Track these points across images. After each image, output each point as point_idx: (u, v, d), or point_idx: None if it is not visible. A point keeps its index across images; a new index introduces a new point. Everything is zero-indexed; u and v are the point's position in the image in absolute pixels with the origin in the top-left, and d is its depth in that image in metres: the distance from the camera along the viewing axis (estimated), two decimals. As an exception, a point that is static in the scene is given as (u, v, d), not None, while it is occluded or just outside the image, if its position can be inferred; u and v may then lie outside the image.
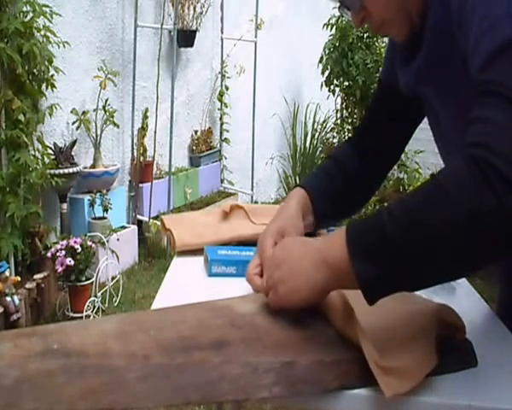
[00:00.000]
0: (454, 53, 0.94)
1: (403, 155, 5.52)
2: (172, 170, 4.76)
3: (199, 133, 5.45)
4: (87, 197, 3.90)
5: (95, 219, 3.88)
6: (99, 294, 3.46)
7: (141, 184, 4.60)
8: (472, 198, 0.72)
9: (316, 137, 6.06)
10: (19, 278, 3.15)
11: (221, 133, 5.71)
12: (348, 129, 5.62)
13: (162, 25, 4.56)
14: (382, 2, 1.00)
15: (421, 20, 1.01)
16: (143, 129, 4.52)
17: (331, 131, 6.01)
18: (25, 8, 3.30)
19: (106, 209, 3.88)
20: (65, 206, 3.83)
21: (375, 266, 0.76)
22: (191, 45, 5.00)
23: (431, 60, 1.01)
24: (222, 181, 5.78)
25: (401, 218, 0.76)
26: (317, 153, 6.06)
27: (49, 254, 3.29)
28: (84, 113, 3.97)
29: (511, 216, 0.71)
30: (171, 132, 4.59)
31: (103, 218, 3.90)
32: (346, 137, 5.72)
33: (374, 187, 1.36)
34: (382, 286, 0.78)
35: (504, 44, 0.79)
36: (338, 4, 1.06)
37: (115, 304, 3.63)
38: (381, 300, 0.81)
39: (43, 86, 3.46)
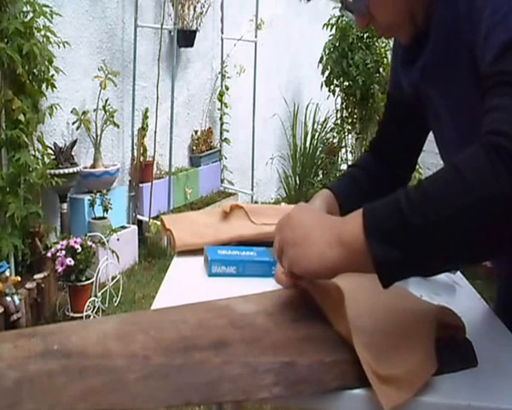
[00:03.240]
0: (460, 50, 0.94)
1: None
2: (172, 170, 4.76)
3: (199, 133, 5.45)
4: (87, 197, 3.90)
5: (95, 219, 3.89)
6: (99, 294, 3.47)
7: (141, 184, 4.61)
8: (490, 184, 0.72)
9: (316, 137, 6.07)
10: (19, 278, 3.16)
11: (221, 133, 5.72)
12: (348, 129, 5.63)
13: (162, 25, 4.57)
14: (390, 8, 1.00)
15: (426, 20, 1.01)
16: (143, 129, 4.53)
17: (331, 131, 6.01)
18: (25, 9, 3.31)
19: (106, 209, 3.89)
20: (65, 206, 3.83)
21: (392, 250, 0.76)
22: (191, 45, 5.01)
23: (436, 58, 1.01)
24: (222, 181, 5.78)
25: (420, 205, 0.75)
26: (317, 153, 6.07)
27: (49, 254, 3.29)
28: (84, 113, 3.97)
29: None
30: (171, 132, 4.59)
31: (103, 218, 3.90)
32: (347, 138, 5.73)
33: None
34: (398, 270, 0.78)
35: None
36: (340, 6, 1.06)
37: (115, 304, 3.63)
38: (381, 299, 0.80)
39: (44, 86, 3.46)
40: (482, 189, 0.73)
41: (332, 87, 5.42)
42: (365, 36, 5.14)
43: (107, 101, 4.10)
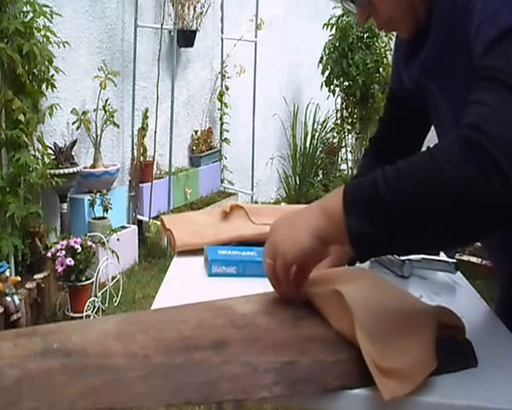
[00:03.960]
0: (459, 43, 0.94)
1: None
2: (172, 170, 4.76)
3: (199, 133, 5.45)
4: (87, 197, 3.90)
5: (95, 219, 3.89)
6: (99, 294, 3.47)
7: (141, 184, 4.61)
8: (461, 177, 0.75)
9: (316, 137, 6.07)
10: (19, 278, 3.16)
11: (221, 133, 5.72)
12: (348, 129, 5.63)
13: (162, 25, 4.57)
14: (392, 0, 1.00)
15: (427, 13, 1.01)
16: (143, 129, 4.53)
17: (331, 131, 6.02)
18: (25, 9, 3.30)
19: (106, 209, 3.89)
20: (65, 206, 3.83)
21: (366, 223, 0.80)
22: (191, 45, 5.00)
23: (437, 51, 1.01)
24: (222, 181, 5.78)
25: (394, 183, 0.79)
26: (317, 153, 6.07)
27: (49, 254, 3.29)
28: (84, 113, 3.97)
29: (497, 198, 0.74)
30: (171, 132, 4.60)
31: (103, 218, 3.90)
32: (347, 137, 5.73)
33: None
34: (372, 244, 0.81)
35: (505, 31, 0.80)
36: None
37: (115, 304, 3.63)
38: (381, 301, 0.81)
39: (44, 86, 3.46)
40: (452, 179, 0.75)
41: (332, 87, 5.42)
42: (365, 36, 5.15)
43: (107, 101, 4.10)
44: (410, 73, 1.11)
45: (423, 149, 1.32)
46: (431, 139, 1.24)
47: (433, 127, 1.24)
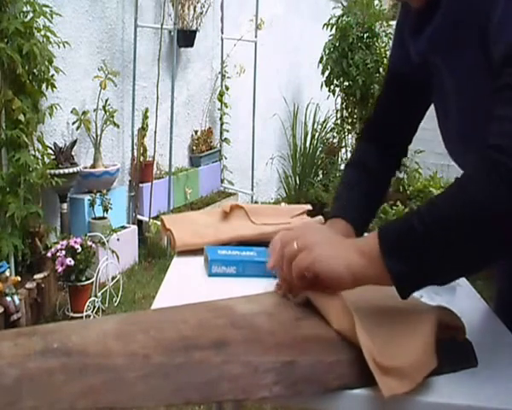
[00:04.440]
0: (473, 15, 0.92)
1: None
2: (172, 170, 4.77)
3: (199, 133, 5.46)
4: (87, 197, 3.90)
5: (95, 219, 3.89)
6: (99, 294, 3.48)
7: (141, 184, 4.61)
8: (488, 199, 0.78)
9: (316, 137, 6.07)
10: (19, 278, 3.16)
11: (221, 133, 5.72)
12: (348, 129, 5.63)
13: (162, 25, 4.57)
14: None
15: None
16: (143, 129, 4.53)
17: (331, 131, 6.02)
18: (25, 9, 3.31)
19: (106, 209, 3.89)
20: (65, 206, 3.84)
21: (404, 261, 0.82)
22: (191, 45, 5.01)
23: (447, 22, 0.99)
24: (222, 181, 5.79)
25: (427, 216, 0.81)
26: (317, 153, 6.07)
27: (49, 254, 3.29)
28: (84, 113, 3.97)
29: None
30: (171, 132, 4.60)
31: (103, 218, 3.91)
32: (346, 137, 5.73)
33: (391, 176, 1.36)
34: (412, 280, 0.83)
35: None
36: None
37: (115, 304, 3.64)
38: (381, 301, 0.81)
39: (44, 86, 3.46)
40: (481, 202, 0.78)
41: (332, 87, 5.42)
42: (365, 36, 5.15)
43: (107, 101, 4.11)
44: (418, 47, 1.09)
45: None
46: (429, 138, 1.24)
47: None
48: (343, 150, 5.96)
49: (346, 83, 5.28)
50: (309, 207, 1.55)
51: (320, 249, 0.88)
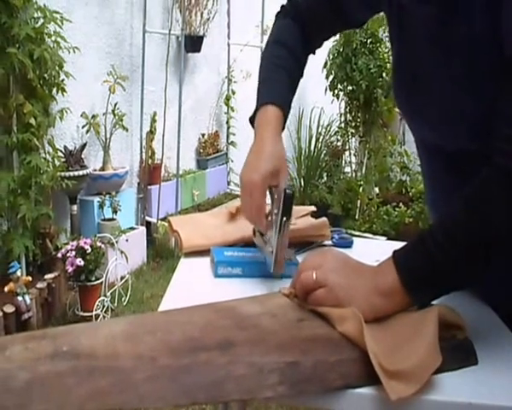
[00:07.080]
0: None
1: (405, 157, 5.59)
2: (180, 172, 4.82)
3: (206, 136, 5.50)
4: (97, 199, 3.91)
5: (104, 220, 3.91)
6: (108, 293, 3.49)
7: (149, 187, 4.65)
8: (503, 214, 0.79)
9: (320, 140, 6.09)
10: (30, 278, 3.19)
11: (228, 136, 5.76)
12: (352, 132, 5.66)
13: (170, 30, 4.61)
14: None
15: None
16: (152, 132, 4.57)
17: (335, 134, 6.04)
18: (36, 15, 3.34)
19: (115, 211, 3.90)
20: (75, 207, 3.86)
21: (430, 292, 0.86)
22: (198, 50, 5.05)
23: None
24: (228, 183, 5.83)
25: (446, 246, 0.82)
26: (322, 156, 6.10)
27: (59, 255, 3.31)
28: (93, 116, 4.00)
29: None
30: (178, 136, 4.64)
31: (112, 219, 3.92)
32: (350, 141, 5.77)
33: (307, 57, 1.38)
34: (434, 299, 0.88)
35: None
36: None
37: (124, 303, 3.66)
38: None
39: (54, 91, 3.48)
40: (498, 222, 0.79)
41: (336, 91, 5.44)
42: (368, 42, 5.17)
43: (116, 105, 4.13)
44: None
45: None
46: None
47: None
48: (347, 153, 5.99)
49: (350, 87, 5.30)
50: (313, 208, 1.53)
51: (340, 290, 0.87)
